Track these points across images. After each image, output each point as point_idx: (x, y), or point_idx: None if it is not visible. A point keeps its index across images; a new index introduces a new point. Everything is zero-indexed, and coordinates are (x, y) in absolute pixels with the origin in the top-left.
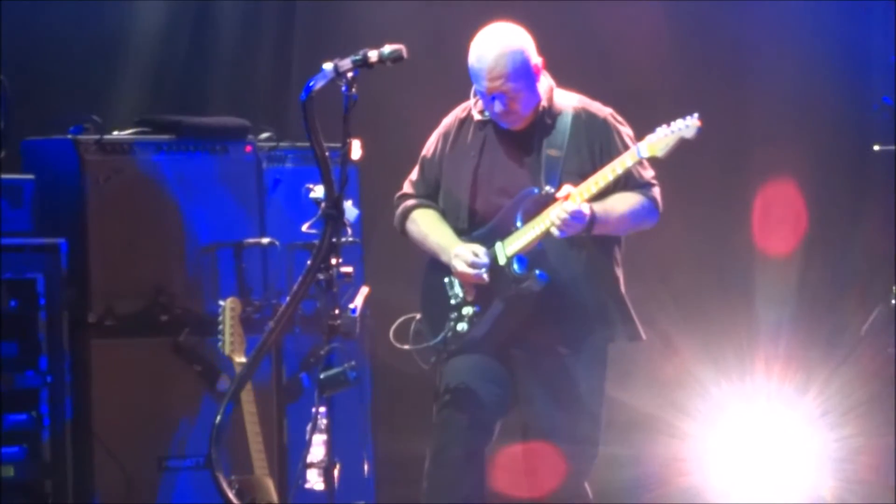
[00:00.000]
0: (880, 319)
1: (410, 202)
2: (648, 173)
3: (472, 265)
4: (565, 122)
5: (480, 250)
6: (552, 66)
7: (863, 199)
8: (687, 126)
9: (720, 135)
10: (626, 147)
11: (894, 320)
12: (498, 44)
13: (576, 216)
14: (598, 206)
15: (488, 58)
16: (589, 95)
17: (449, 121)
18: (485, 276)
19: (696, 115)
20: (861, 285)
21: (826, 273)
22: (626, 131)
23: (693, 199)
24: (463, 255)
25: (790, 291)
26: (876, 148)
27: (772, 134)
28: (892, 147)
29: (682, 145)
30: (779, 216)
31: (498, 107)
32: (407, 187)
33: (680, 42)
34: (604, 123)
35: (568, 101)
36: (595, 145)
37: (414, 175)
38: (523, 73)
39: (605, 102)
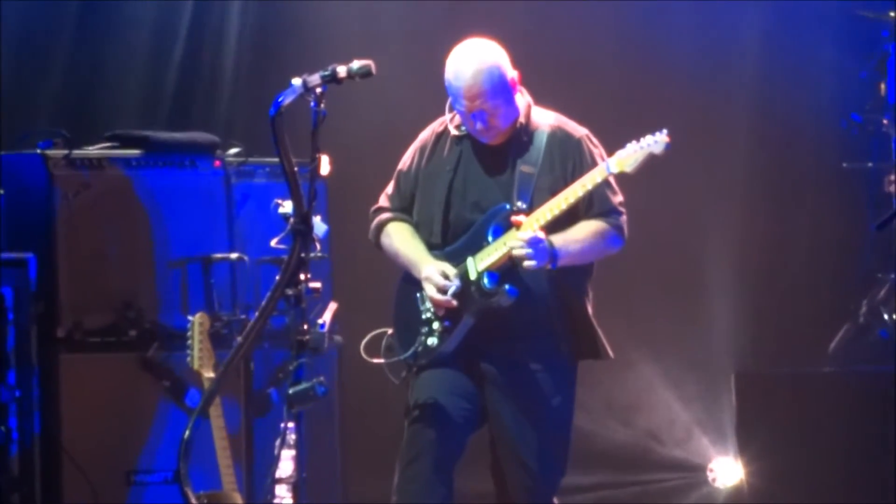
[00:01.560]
0: (847, 337)
1: (385, 215)
2: (617, 198)
3: (442, 289)
4: (540, 139)
5: (451, 271)
6: (523, 81)
7: (831, 215)
8: (656, 142)
9: (688, 151)
10: None
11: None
12: (474, 62)
13: (535, 244)
14: (558, 239)
15: (465, 76)
16: (557, 110)
17: (426, 135)
18: (454, 302)
19: (665, 131)
20: (829, 302)
21: (793, 289)
22: (600, 152)
23: (659, 214)
24: (433, 278)
25: (756, 308)
26: (844, 165)
27: (740, 150)
28: (861, 164)
29: (651, 161)
30: (742, 233)
31: (479, 125)
32: (382, 200)
33: (649, 57)
34: (578, 143)
35: (545, 120)
36: (568, 164)
37: (390, 189)
38: (501, 89)
39: (573, 116)
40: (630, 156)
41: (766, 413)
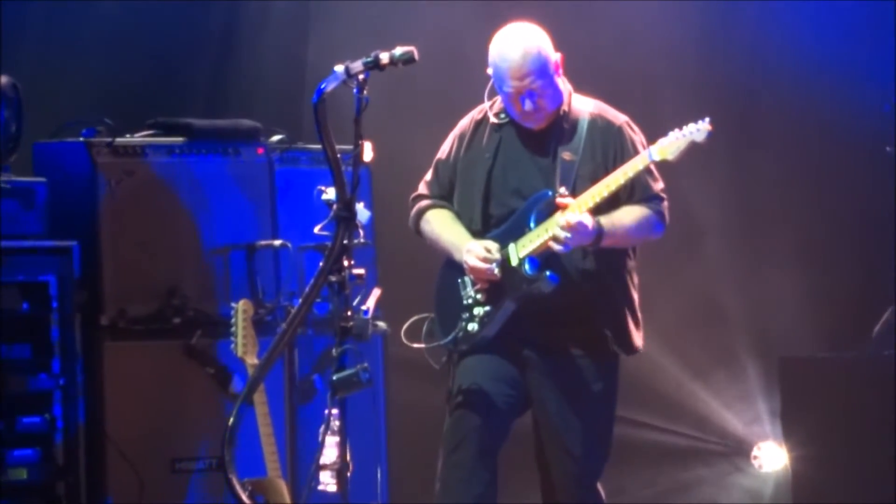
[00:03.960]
0: (891, 321)
1: (425, 202)
2: (658, 185)
3: (484, 259)
4: (581, 127)
5: (493, 246)
6: (565, 71)
7: (875, 199)
8: (698, 130)
9: (732, 139)
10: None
11: None
12: (520, 43)
13: (579, 229)
14: (605, 220)
15: (514, 56)
16: (600, 99)
17: (465, 122)
18: (496, 271)
19: (707, 119)
20: (873, 286)
21: (837, 274)
22: (641, 139)
23: (701, 200)
24: (475, 250)
25: (802, 292)
26: (888, 149)
27: (784, 137)
28: None
29: (693, 149)
30: (788, 219)
31: (528, 105)
32: (422, 188)
33: (689, 47)
34: (619, 131)
35: (585, 107)
36: (609, 151)
37: (428, 176)
38: (548, 69)
39: (615, 106)
40: (672, 143)
41: (811, 398)
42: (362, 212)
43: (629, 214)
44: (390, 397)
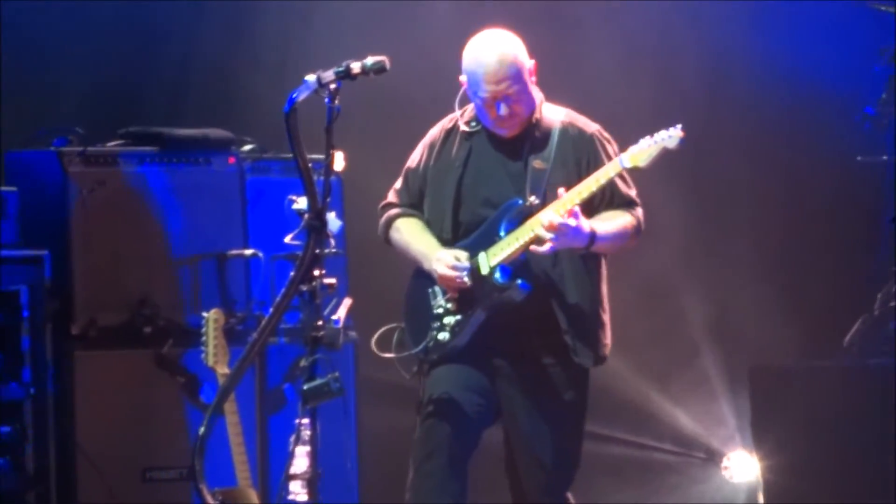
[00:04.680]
0: (862, 330)
1: (394, 211)
2: (632, 192)
3: (454, 268)
4: (552, 135)
5: (463, 255)
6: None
7: (846, 209)
8: (670, 136)
9: (703, 146)
10: None
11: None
12: (497, 48)
13: (565, 231)
14: (598, 225)
15: (489, 61)
16: (571, 107)
17: (435, 131)
18: (466, 279)
19: (679, 126)
20: (844, 296)
21: (807, 284)
22: (613, 147)
23: (672, 207)
24: (445, 258)
25: (771, 301)
26: (859, 158)
27: (754, 145)
28: (876, 157)
29: (665, 155)
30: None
31: (503, 110)
32: (391, 196)
33: (662, 52)
34: (591, 139)
35: (556, 115)
36: (582, 160)
37: (398, 185)
38: (523, 75)
39: (587, 113)
40: (644, 150)
41: (782, 407)
42: (333, 221)
43: (614, 220)
44: (361, 407)
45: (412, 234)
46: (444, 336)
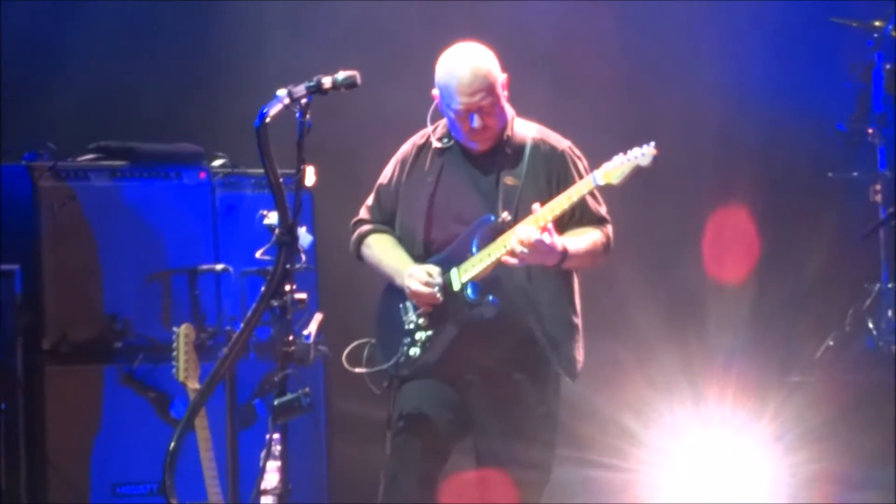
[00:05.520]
0: (833, 346)
1: (366, 227)
2: (603, 209)
3: (426, 284)
4: (524, 151)
5: (435, 270)
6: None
7: (817, 225)
8: (643, 154)
9: (673, 163)
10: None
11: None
12: (471, 60)
13: (539, 247)
14: (569, 242)
15: (463, 73)
16: (544, 122)
17: (406, 147)
18: (438, 295)
19: (652, 143)
20: (815, 312)
21: (780, 299)
22: (584, 164)
23: (647, 225)
24: (417, 274)
25: (744, 317)
26: (830, 175)
27: (725, 162)
28: (847, 174)
29: (638, 173)
30: (731, 243)
31: (477, 122)
32: (363, 213)
33: (635, 68)
34: (562, 155)
35: (527, 132)
36: (553, 176)
37: (370, 201)
38: (496, 88)
39: (558, 128)
40: (617, 168)
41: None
42: (304, 236)
43: (585, 237)
44: (332, 422)
45: (384, 250)
46: (414, 351)
